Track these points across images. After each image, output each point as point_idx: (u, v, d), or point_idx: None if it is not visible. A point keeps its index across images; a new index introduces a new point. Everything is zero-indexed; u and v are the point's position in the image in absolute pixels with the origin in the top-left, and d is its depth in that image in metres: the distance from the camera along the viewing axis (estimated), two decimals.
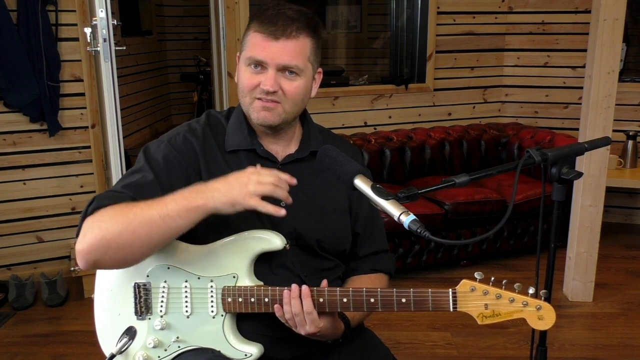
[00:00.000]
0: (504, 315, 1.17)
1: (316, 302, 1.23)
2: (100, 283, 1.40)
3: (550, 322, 1.16)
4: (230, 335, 1.31)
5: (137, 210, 1.17)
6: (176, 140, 1.34)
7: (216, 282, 1.29)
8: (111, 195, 1.24)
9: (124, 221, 1.16)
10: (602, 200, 3.00)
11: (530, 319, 1.16)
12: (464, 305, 1.19)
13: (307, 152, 1.39)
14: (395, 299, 1.22)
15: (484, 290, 1.17)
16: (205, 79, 6.19)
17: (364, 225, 1.47)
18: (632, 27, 4.52)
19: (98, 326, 1.41)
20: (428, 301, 1.21)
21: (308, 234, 1.35)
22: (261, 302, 1.27)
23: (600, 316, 2.97)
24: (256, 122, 1.32)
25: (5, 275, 3.23)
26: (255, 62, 1.27)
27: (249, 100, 1.31)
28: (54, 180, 3.27)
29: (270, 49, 1.25)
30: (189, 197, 1.17)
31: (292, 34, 1.25)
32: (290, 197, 1.21)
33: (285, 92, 1.28)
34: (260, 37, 1.26)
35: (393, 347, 1.52)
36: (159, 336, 1.33)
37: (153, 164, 1.30)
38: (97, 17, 2.77)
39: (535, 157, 1.17)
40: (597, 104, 2.89)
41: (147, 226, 1.16)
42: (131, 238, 1.16)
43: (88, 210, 1.22)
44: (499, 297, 1.17)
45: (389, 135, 3.86)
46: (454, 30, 4.16)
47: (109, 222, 1.17)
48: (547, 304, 1.16)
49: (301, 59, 1.28)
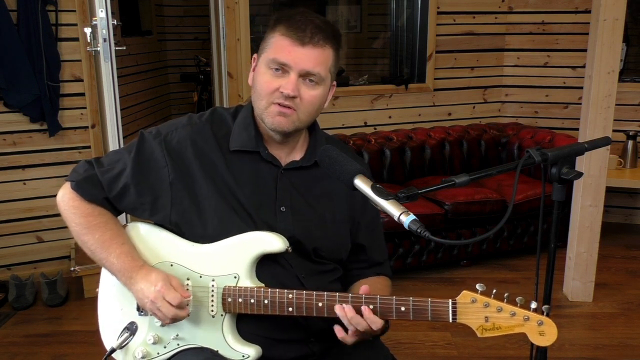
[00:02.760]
0: (505, 329, 1.16)
1: (315, 307, 1.24)
2: (105, 278, 1.43)
3: (551, 338, 1.15)
4: (228, 335, 1.31)
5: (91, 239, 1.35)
6: (172, 137, 1.34)
7: (217, 281, 1.30)
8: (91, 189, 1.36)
9: (78, 235, 1.37)
10: (602, 200, 3.00)
11: (531, 334, 1.15)
12: (464, 317, 1.17)
13: (312, 161, 1.37)
14: (394, 307, 1.22)
15: (484, 302, 1.16)
16: (205, 79, 6.19)
17: (367, 236, 1.47)
18: (632, 27, 4.52)
19: (101, 320, 1.43)
20: (427, 311, 1.20)
21: (306, 241, 1.35)
22: (260, 303, 1.26)
23: (600, 316, 2.97)
24: (270, 127, 1.30)
25: (5, 275, 3.23)
26: (278, 64, 1.26)
27: (265, 103, 1.29)
28: (54, 180, 3.26)
29: (295, 54, 1.24)
30: (125, 271, 1.31)
31: (320, 42, 1.25)
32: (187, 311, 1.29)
33: (302, 100, 1.27)
34: (287, 41, 1.25)
35: (393, 347, 1.52)
36: (159, 333, 1.33)
37: (141, 161, 1.33)
38: (97, 17, 2.77)
39: (535, 157, 1.16)
40: (597, 104, 2.88)
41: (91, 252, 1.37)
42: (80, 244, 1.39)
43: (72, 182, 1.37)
44: (500, 310, 1.15)
45: (389, 135, 3.86)
46: (454, 30, 4.16)
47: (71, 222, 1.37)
48: (549, 319, 1.15)
49: (323, 68, 1.27)
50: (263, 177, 1.35)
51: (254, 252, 1.29)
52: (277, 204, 1.34)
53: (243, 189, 1.32)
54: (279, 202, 1.34)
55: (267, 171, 1.35)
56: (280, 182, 1.35)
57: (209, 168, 1.32)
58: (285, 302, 1.26)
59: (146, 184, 1.32)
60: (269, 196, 1.34)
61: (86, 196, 1.35)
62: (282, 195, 1.35)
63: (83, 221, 1.35)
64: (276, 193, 1.35)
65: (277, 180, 1.35)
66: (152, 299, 1.24)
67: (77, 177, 1.36)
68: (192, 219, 1.32)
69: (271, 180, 1.35)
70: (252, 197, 1.32)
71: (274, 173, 1.36)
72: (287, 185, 1.36)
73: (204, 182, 1.31)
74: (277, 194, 1.35)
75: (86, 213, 1.35)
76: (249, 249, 1.29)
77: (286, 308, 1.26)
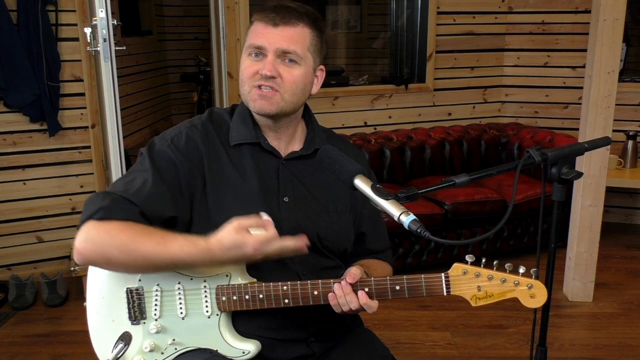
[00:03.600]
0: (497, 296, 1.19)
1: (311, 295, 1.24)
2: (91, 290, 1.37)
3: (542, 299, 1.18)
4: (226, 333, 1.31)
5: (144, 246, 1.19)
6: (179, 139, 1.33)
7: (209, 281, 1.29)
8: (122, 208, 1.22)
9: (128, 251, 1.19)
10: (602, 200, 3.00)
11: (522, 298, 1.18)
12: (457, 289, 1.20)
13: (312, 150, 1.39)
14: (389, 287, 1.23)
15: (476, 272, 1.19)
16: (205, 79, 6.19)
17: (369, 225, 1.48)
18: (632, 27, 4.53)
19: (92, 333, 1.38)
20: (422, 287, 1.22)
21: (310, 231, 1.35)
22: (256, 298, 1.26)
23: (600, 316, 2.97)
24: (254, 110, 1.32)
25: (5, 275, 3.23)
26: (255, 48, 1.28)
27: (247, 88, 1.31)
28: (54, 180, 3.27)
29: (269, 34, 1.27)
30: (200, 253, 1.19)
31: (292, 20, 1.27)
32: (305, 246, 1.22)
33: (283, 79, 1.28)
34: (261, 25, 1.28)
35: (393, 347, 1.52)
36: (155, 340, 1.32)
37: (159, 167, 1.28)
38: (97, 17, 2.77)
39: (535, 157, 1.17)
40: (597, 104, 2.89)
41: (148, 262, 1.21)
42: (131, 265, 1.23)
43: (94, 216, 1.20)
44: (491, 279, 1.19)
45: (389, 135, 3.86)
46: (454, 30, 4.16)
47: (113, 246, 1.19)
48: (538, 281, 1.18)
49: (300, 46, 1.28)
50: (265, 168, 1.36)
51: None
52: (280, 195, 1.35)
53: (249, 182, 1.33)
54: (282, 192, 1.35)
55: (269, 162, 1.36)
56: (282, 173, 1.36)
57: (216, 166, 1.32)
58: (281, 294, 1.25)
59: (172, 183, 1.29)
60: (271, 187, 1.35)
61: (119, 216, 1.21)
62: (285, 186, 1.36)
63: (124, 236, 1.19)
64: (278, 184, 1.35)
65: (278, 171, 1.36)
66: (254, 247, 1.16)
67: (100, 206, 1.21)
68: (206, 216, 1.31)
69: (273, 171, 1.36)
70: (258, 188, 1.33)
71: (276, 164, 1.36)
72: (289, 176, 1.37)
73: (214, 179, 1.31)
74: (280, 185, 1.35)
75: (124, 228, 1.20)
76: None
77: (282, 300, 1.26)
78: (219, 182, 1.31)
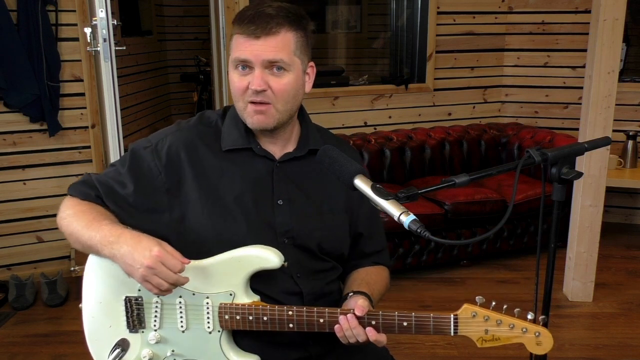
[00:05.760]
0: (503, 340, 1.20)
1: (316, 323, 1.24)
2: (87, 294, 1.37)
3: (548, 347, 1.19)
4: (228, 349, 1.29)
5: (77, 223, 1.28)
6: (162, 145, 1.33)
7: (212, 299, 1.26)
8: (83, 190, 1.34)
9: (68, 224, 1.30)
10: (602, 200, 3.00)
11: (528, 345, 1.20)
12: (465, 330, 1.21)
13: (306, 150, 1.38)
14: (397, 323, 1.22)
15: (485, 316, 1.19)
16: (205, 79, 6.19)
17: (366, 225, 1.46)
18: (632, 27, 4.52)
19: (88, 336, 1.38)
20: (430, 325, 1.22)
21: (305, 233, 1.34)
22: (260, 320, 1.25)
23: (600, 316, 2.97)
24: (252, 127, 1.31)
25: (5, 275, 3.23)
26: (241, 62, 1.27)
27: (242, 104, 1.29)
28: (54, 180, 3.27)
29: (252, 48, 1.24)
30: (104, 238, 1.23)
31: (273, 29, 1.24)
32: (186, 279, 1.19)
33: (274, 91, 1.26)
34: (242, 38, 1.26)
35: (393, 347, 1.52)
36: (154, 349, 1.30)
37: (135, 173, 1.32)
38: (97, 17, 2.77)
39: (535, 157, 1.16)
40: (597, 104, 2.88)
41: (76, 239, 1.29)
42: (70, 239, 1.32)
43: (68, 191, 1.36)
44: (500, 323, 1.19)
45: (389, 135, 3.86)
46: (454, 30, 4.16)
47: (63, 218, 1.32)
48: (546, 330, 1.19)
49: (285, 53, 1.26)
50: (259, 172, 1.34)
51: (249, 269, 1.25)
52: (274, 198, 1.34)
53: (238, 189, 1.31)
54: (276, 195, 1.34)
55: (262, 166, 1.35)
56: (277, 176, 1.35)
57: (201, 173, 1.31)
58: (286, 319, 1.24)
59: (143, 193, 1.31)
60: (266, 191, 1.34)
61: (80, 195, 1.33)
62: (279, 189, 1.34)
63: (70, 212, 1.30)
64: (273, 187, 1.34)
65: (272, 174, 1.35)
66: (148, 265, 1.13)
67: (74, 184, 1.36)
68: (187, 227, 1.31)
69: (267, 175, 1.35)
70: (249, 195, 1.31)
71: (269, 167, 1.35)
72: (284, 178, 1.36)
73: (197, 188, 1.30)
74: (274, 188, 1.34)
75: (75, 204, 1.32)
76: (244, 266, 1.25)
77: (286, 324, 1.25)
78: (201, 190, 1.30)
